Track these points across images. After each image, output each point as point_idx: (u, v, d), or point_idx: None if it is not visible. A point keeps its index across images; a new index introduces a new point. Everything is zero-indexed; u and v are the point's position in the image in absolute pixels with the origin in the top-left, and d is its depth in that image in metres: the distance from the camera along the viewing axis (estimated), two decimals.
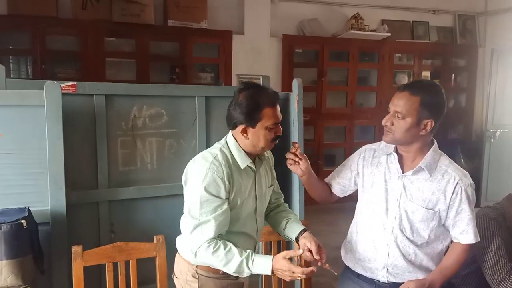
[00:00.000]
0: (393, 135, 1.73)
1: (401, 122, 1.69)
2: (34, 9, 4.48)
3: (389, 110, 1.76)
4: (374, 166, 1.87)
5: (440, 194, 1.74)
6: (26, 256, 1.95)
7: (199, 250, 1.63)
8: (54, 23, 4.59)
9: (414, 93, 1.67)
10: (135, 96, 2.49)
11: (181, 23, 5.04)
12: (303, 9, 5.72)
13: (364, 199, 1.91)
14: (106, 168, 2.43)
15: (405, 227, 1.78)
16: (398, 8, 6.09)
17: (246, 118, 1.65)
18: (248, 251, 1.63)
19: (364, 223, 1.90)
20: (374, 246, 1.85)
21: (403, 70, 6.14)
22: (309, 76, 5.71)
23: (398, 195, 1.80)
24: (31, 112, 2.15)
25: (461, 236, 1.78)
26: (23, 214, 1.99)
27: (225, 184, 1.64)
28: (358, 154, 1.95)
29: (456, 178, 1.73)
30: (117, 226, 2.50)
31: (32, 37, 4.50)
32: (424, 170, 1.75)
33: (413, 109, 1.66)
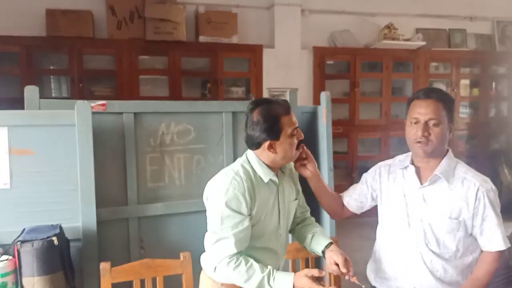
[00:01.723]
0: (433, 144, 1.68)
1: (437, 129, 1.67)
2: (72, 30, 4.66)
3: (413, 121, 1.71)
4: (391, 182, 1.84)
5: (462, 202, 1.69)
6: (57, 273, 1.99)
7: (220, 266, 1.62)
8: (90, 43, 4.76)
9: (437, 99, 1.69)
10: (163, 113, 2.53)
11: (212, 38, 5.12)
12: (334, 20, 5.68)
13: (385, 216, 1.86)
14: (135, 184, 2.47)
15: (430, 241, 1.73)
16: (433, 16, 5.94)
17: (269, 134, 1.64)
18: (269, 267, 1.61)
19: (388, 240, 1.85)
20: (400, 264, 1.79)
21: (440, 80, 5.95)
22: (342, 87, 5.65)
23: (419, 208, 1.75)
24: (62, 131, 2.21)
25: (489, 243, 1.71)
26: (55, 231, 2.03)
27: (246, 200, 1.63)
28: (374, 170, 1.92)
29: (476, 184, 1.69)
30: (147, 242, 2.52)
31: (70, 57, 4.68)
32: (441, 178, 1.71)
33: (443, 114, 1.68)
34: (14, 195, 2.17)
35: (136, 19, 4.90)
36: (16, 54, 4.53)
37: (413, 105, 1.73)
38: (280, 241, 1.80)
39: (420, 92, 1.73)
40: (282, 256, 1.85)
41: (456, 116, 5.87)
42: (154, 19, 4.84)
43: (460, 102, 5.94)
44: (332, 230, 2.79)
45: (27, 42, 4.52)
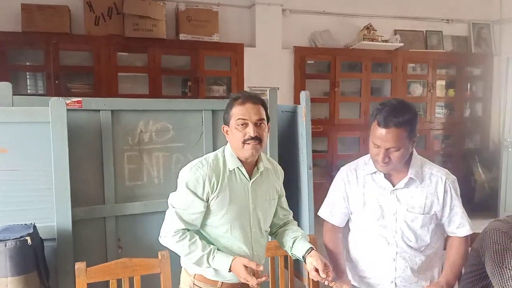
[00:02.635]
0: (394, 164, 1.73)
1: (397, 153, 1.69)
2: (48, 26, 4.55)
3: (375, 145, 1.70)
4: (361, 187, 1.85)
5: (433, 197, 1.79)
6: (31, 273, 1.95)
7: (166, 236, 1.71)
8: (67, 39, 4.66)
9: (398, 126, 1.64)
10: (141, 111, 2.50)
11: (192, 36, 5.08)
12: (314, 21, 5.71)
13: (359, 219, 1.88)
14: (113, 183, 2.44)
15: (408, 238, 1.80)
16: (411, 18, 6.02)
17: (224, 118, 1.75)
18: (212, 247, 1.68)
19: (365, 241, 1.87)
20: (380, 262, 1.83)
21: (417, 80, 6.04)
22: (322, 87, 5.68)
23: (394, 209, 1.80)
24: (36, 129, 2.16)
25: (458, 230, 1.85)
26: (28, 230, 1.99)
27: (205, 184, 1.67)
28: (341, 179, 1.92)
29: (443, 178, 1.80)
30: (124, 241, 2.49)
31: (46, 53, 4.57)
32: (414, 179, 1.77)
33: (403, 138, 1.67)
34: None
35: (115, 15, 4.82)
36: None
37: (373, 127, 1.71)
38: (252, 237, 1.78)
39: (380, 118, 1.66)
40: (257, 254, 1.82)
41: (432, 116, 5.98)
42: (133, 15, 4.77)
43: (436, 103, 6.04)
44: (311, 229, 2.81)
45: (1, 37, 4.41)
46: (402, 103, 1.71)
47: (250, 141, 1.65)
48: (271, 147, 2.73)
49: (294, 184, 2.92)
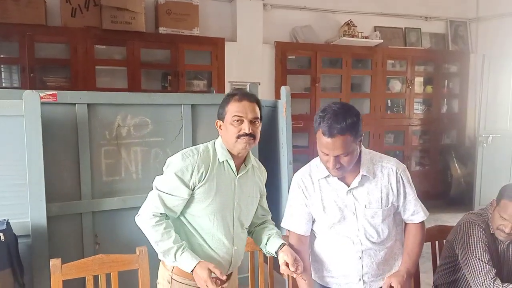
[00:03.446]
0: (344, 170, 1.72)
1: (347, 158, 1.68)
2: (23, 17, 4.42)
3: (325, 154, 1.67)
4: (318, 192, 1.83)
5: (387, 189, 1.80)
6: (4, 270, 1.91)
7: (143, 215, 1.71)
8: (42, 31, 4.53)
9: (343, 133, 1.61)
10: (119, 105, 2.46)
11: (172, 30, 5.01)
12: (295, 16, 5.70)
13: (321, 223, 1.86)
14: (89, 178, 2.39)
15: (371, 234, 1.81)
16: (390, 15, 6.07)
17: (219, 113, 1.76)
18: (184, 243, 1.69)
19: (330, 244, 1.87)
20: (346, 262, 1.83)
21: (396, 77, 6.09)
22: (303, 83, 5.68)
23: (353, 208, 1.80)
24: (10, 122, 2.11)
25: (413, 217, 1.87)
26: (1, 227, 1.94)
27: (193, 173, 1.68)
28: (298, 186, 1.88)
29: (393, 169, 1.80)
30: (102, 237, 2.45)
31: (20, 45, 4.44)
32: (367, 175, 1.78)
33: (350, 143, 1.65)
34: None
35: (92, 6, 4.71)
36: None
37: (319, 135, 1.67)
38: (233, 231, 1.79)
39: (324, 127, 1.62)
40: (238, 249, 1.82)
41: (411, 112, 6.05)
42: (111, 7, 4.67)
43: (415, 99, 6.11)
44: None
45: None
46: (343, 107, 1.68)
47: (244, 137, 1.68)
48: None
49: (275, 179, 2.92)
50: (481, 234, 1.99)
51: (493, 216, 2.02)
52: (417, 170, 6.22)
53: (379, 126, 5.90)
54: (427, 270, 2.51)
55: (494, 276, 1.90)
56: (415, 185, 1.88)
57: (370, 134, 5.86)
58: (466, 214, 2.15)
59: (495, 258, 2.02)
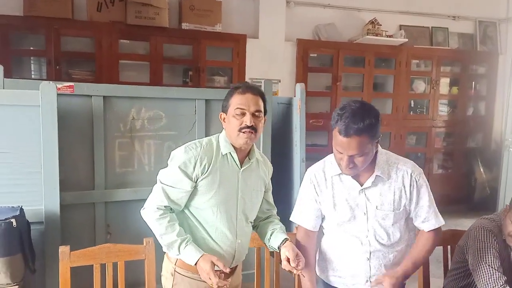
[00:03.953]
0: (359, 169, 1.69)
1: (361, 158, 1.65)
2: (50, 10, 4.53)
3: (338, 150, 1.66)
4: (330, 188, 1.81)
5: (400, 192, 1.76)
6: (15, 255, 1.96)
7: (148, 209, 1.73)
8: (69, 25, 4.64)
9: (359, 133, 1.58)
10: (134, 98, 2.49)
11: (195, 26, 5.05)
12: (319, 13, 5.66)
13: (331, 221, 1.84)
14: (103, 169, 2.44)
15: (381, 236, 1.77)
16: (417, 14, 5.95)
17: (222, 105, 1.77)
18: (188, 236, 1.69)
19: (339, 242, 1.84)
20: (354, 262, 1.80)
21: (421, 77, 5.99)
22: (324, 81, 5.64)
23: (364, 208, 1.77)
24: (27, 112, 2.17)
25: (423, 224, 1.81)
26: (14, 213, 2.00)
27: (196, 165, 1.69)
28: (310, 181, 1.86)
29: (408, 172, 1.76)
30: (114, 227, 2.50)
31: (47, 38, 4.56)
32: (381, 176, 1.74)
33: (366, 144, 1.62)
34: None
35: (117, 1, 4.79)
36: None
37: (335, 134, 1.65)
38: (237, 225, 1.80)
39: (341, 126, 1.60)
40: (241, 243, 1.83)
41: (435, 113, 5.93)
42: (136, 2, 4.75)
43: (439, 100, 5.99)
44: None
45: (2, 21, 4.40)
46: (362, 107, 1.64)
47: (245, 129, 1.68)
48: (264, 139, 2.72)
49: (287, 176, 2.92)
50: (492, 240, 1.93)
51: (504, 222, 1.96)
52: (439, 173, 6.10)
53: (401, 127, 5.80)
54: (438, 275, 2.45)
55: (504, 284, 1.85)
56: (436, 189, 1.84)
57: (392, 135, 5.78)
58: (478, 219, 2.09)
59: (506, 265, 1.96)
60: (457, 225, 5.10)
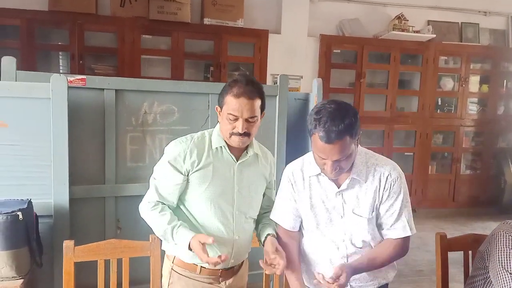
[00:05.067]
0: (343, 171, 1.61)
1: (346, 161, 1.57)
2: (74, 6, 4.59)
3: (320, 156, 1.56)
4: (307, 189, 1.72)
5: (375, 194, 1.66)
6: (21, 248, 1.95)
7: (141, 204, 1.73)
8: (92, 20, 4.68)
9: (341, 137, 1.49)
10: (146, 92, 2.46)
11: (217, 21, 5.02)
12: (343, 8, 5.54)
13: (308, 223, 1.75)
14: (114, 163, 2.42)
15: (357, 240, 1.69)
16: (446, 9, 5.75)
17: (218, 98, 1.71)
18: (179, 222, 1.65)
19: (317, 245, 1.76)
20: (333, 266, 1.70)
21: (449, 74, 5.78)
22: (348, 77, 5.53)
23: (341, 211, 1.68)
24: (38, 105, 2.16)
25: (388, 231, 1.70)
26: (22, 206, 1.99)
27: (186, 158, 1.66)
28: (288, 180, 1.77)
29: (385, 174, 1.66)
30: (124, 222, 2.48)
31: (71, 33, 4.61)
32: (357, 179, 1.65)
33: (348, 146, 1.52)
34: None
35: None
36: (16, 28, 4.48)
37: (314, 139, 1.54)
38: (234, 221, 1.74)
39: (320, 132, 1.49)
40: (239, 240, 1.76)
41: (463, 112, 5.72)
42: None
43: (468, 98, 5.77)
44: None
45: (28, 15, 4.46)
46: (338, 107, 1.54)
47: (237, 135, 1.63)
48: (279, 134, 2.66)
49: None
50: None
51: None
52: (467, 174, 5.89)
53: (427, 125, 5.62)
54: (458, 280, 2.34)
55: None
56: (463, 190, 1.73)
57: (417, 134, 5.61)
58: (500, 224, 1.97)
59: None
60: (485, 228, 4.92)
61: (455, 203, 5.77)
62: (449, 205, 5.78)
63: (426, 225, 5.30)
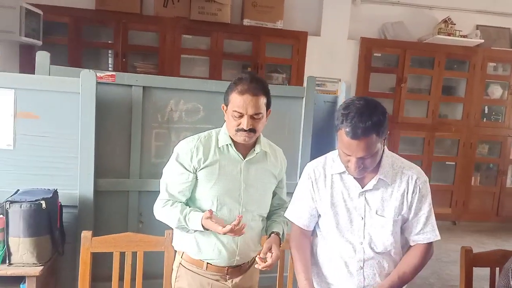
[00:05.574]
0: (367, 170, 1.57)
1: (371, 159, 1.53)
2: (120, 5, 4.74)
3: (345, 152, 1.53)
4: (329, 187, 1.67)
5: (403, 198, 1.61)
6: (43, 236, 2.03)
7: (154, 207, 1.77)
8: (136, 19, 4.82)
9: (368, 134, 1.45)
10: (173, 90, 2.50)
11: (256, 22, 5.03)
12: (387, 11, 5.40)
13: (326, 222, 1.70)
14: (139, 158, 2.47)
15: (376, 244, 1.63)
16: (496, 14, 5.48)
17: (224, 96, 1.73)
18: (189, 208, 1.70)
19: (333, 246, 1.70)
20: (348, 270, 1.66)
21: (498, 81, 5.51)
22: (387, 82, 5.39)
23: (362, 212, 1.63)
24: (68, 99, 2.25)
25: (417, 236, 1.67)
26: (47, 195, 2.07)
27: (192, 156, 1.69)
28: (308, 177, 1.72)
29: (413, 177, 1.63)
30: (146, 216, 2.52)
31: (115, 31, 4.77)
32: (383, 180, 1.60)
33: (375, 143, 1.49)
34: (16, 156, 2.24)
35: None
36: (65, 25, 4.68)
37: (340, 135, 1.52)
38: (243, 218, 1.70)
39: (347, 127, 1.47)
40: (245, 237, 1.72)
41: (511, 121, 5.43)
42: None
43: None
44: None
45: (76, 13, 4.66)
46: (367, 103, 1.51)
47: (243, 132, 1.64)
48: (304, 136, 2.63)
49: None
50: None
51: None
52: None
53: (471, 134, 5.38)
54: None
55: None
56: (509, 204, 1.63)
57: (460, 143, 5.38)
58: None
59: None
60: None
61: (498, 217, 5.49)
62: (492, 219, 5.50)
63: (466, 239, 5.08)
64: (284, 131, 2.70)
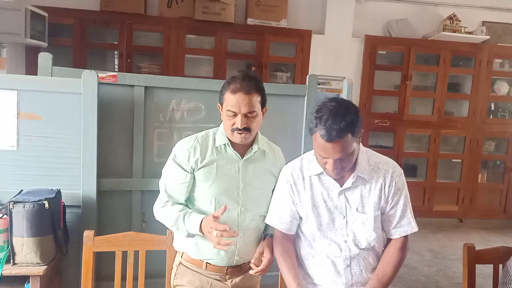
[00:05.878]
0: (345, 170, 1.59)
1: (348, 159, 1.54)
2: (124, 6, 4.77)
3: (322, 155, 1.54)
4: (308, 189, 1.68)
5: (380, 192, 1.63)
6: (46, 236, 2.05)
7: (154, 208, 1.79)
8: (141, 20, 4.84)
9: (342, 135, 1.46)
10: (175, 89, 2.51)
11: (260, 21, 5.04)
12: (391, 8, 5.38)
13: (309, 224, 1.70)
14: (141, 158, 2.49)
15: (360, 241, 1.65)
16: (503, 10, 5.43)
17: (219, 96, 1.75)
18: (189, 209, 1.71)
19: (317, 248, 1.70)
20: (335, 270, 1.67)
21: (504, 78, 5.46)
22: (392, 79, 5.37)
23: (344, 211, 1.64)
24: (70, 99, 2.26)
25: (394, 230, 1.69)
26: (50, 195, 2.09)
27: (190, 156, 1.70)
28: (286, 181, 1.72)
29: (389, 172, 1.65)
30: (149, 216, 2.52)
31: (120, 32, 4.79)
32: (361, 177, 1.62)
33: (350, 144, 1.50)
34: (20, 157, 2.26)
35: None
36: (70, 26, 4.71)
37: (315, 138, 1.52)
38: (239, 217, 1.74)
39: (321, 130, 1.47)
40: (243, 236, 1.75)
41: None
42: None
43: None
44: None
45: (81, 15, 4.69)
46: (339, 104, 1.51)
47: (238, 133, 1.65)
48: (306, 136, 2.62)
49: None
50: None
51: None
52: None
53: (477, 131, 5.34)
54: None
55: None
56: None
57: (466, 140, 5.34)
58: None
59: None
60: None
61: (506, 214, 5.45)
62: (500, 216, 5.46)
63: (473, 236, 5.05)
64: (286, 130, 2.70)
